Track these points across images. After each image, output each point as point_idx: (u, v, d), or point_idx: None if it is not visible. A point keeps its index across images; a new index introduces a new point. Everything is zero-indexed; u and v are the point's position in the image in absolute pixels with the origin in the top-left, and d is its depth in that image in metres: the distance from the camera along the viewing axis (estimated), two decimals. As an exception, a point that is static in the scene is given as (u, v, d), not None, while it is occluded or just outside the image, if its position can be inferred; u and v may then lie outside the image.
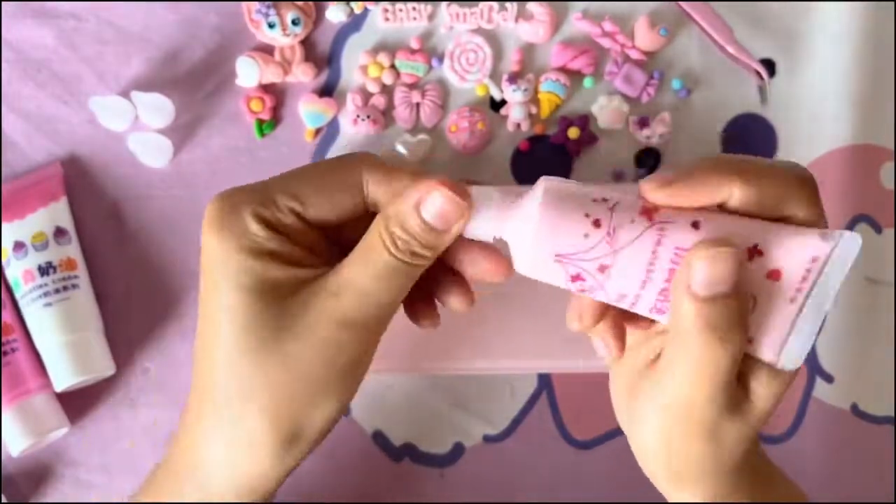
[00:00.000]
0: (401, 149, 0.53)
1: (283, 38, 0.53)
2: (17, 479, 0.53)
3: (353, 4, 0.54)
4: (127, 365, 0.53)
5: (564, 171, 0.54)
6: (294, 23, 0.53)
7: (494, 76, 0.54)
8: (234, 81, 0.53)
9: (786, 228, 0.33)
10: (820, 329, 0.34)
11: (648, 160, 0.54)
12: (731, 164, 0.33)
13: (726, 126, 0.55)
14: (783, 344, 0.33)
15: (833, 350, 0.54)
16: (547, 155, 0.54)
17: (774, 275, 0.33)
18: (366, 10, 0.54)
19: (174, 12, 0.54)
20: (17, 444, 0.50)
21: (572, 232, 0.33)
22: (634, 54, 0.54)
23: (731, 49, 0.54)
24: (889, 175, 0.55)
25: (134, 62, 0.54)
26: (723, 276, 0.32)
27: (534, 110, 0.54)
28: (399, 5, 0.54)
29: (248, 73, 0.53)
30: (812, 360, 0.54)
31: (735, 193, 0.33)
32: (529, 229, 0.34)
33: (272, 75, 0.53)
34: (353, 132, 0.54)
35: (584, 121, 0.54)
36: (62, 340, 0.50)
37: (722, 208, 0.34)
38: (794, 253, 0.33)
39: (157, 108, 0.53)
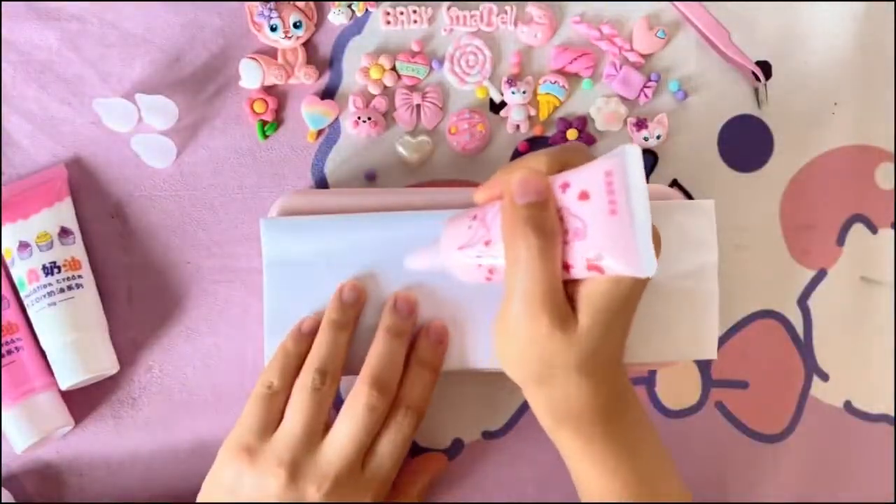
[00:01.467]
0: (401, 150, 0.54)
1: (285, 41, 0.54)
2: (21, 476, 0.53)
3: (354, 7, 0.54)
4: (130, 364, 0.53)
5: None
6: (296, 25, 0.53)
7: (494, 78, 0.54)
8: (236, 83, 0.54)
9: (585, 165, 0.41)
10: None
11: (646, 161, 0.54)
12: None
13: (723, 128, 0.55)
14: (636, 253, 0.38)
15: (829, 349, 0.55)
16: (546, 156, 0.54)
17: (583, 195, 0.40)
18: (367, 13, 0.55)
19: (177, 15, 0.54)
20: (21, 442, 0.51)
21: (460, 229, 0.45)
22: (632, 57, 0.54)
23: (727, 51, 0.54)
24: (885, 175, 0.55)
25: (137, 64, 0.54)
26: (535, 188, 0.41)
27: (533, 112, 0.54)
28: (400, 8, 0.54)
29: (251, 75, 0.53)
30: (809, 358, 0.55)
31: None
32: (438, 246, 0.46)
33: (275, 77, 0.54)
34: (354, 134, 0.54)
35: (583, 122, 0.54)
36: (66, 339, 0.51)
37: None
38: (591, 174, 0.40)
39: (161, 110, 0.53)
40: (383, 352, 0.47)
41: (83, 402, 0.53)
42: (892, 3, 0.55)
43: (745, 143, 0.55)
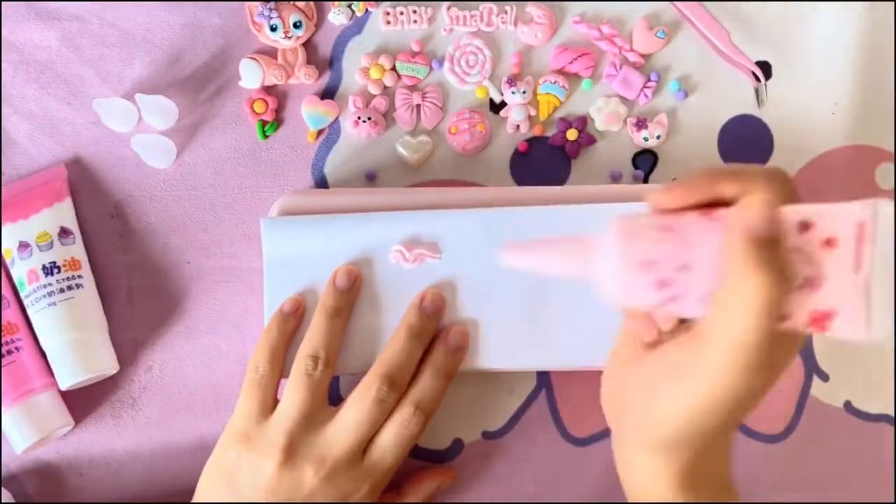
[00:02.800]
0: (401, 150, 0.54)
1: (285, 41, 0.54)
2: (21, 476, 0.53)
3: (354, 7, 0.54)
4: (130, 364, 0.53)
5: (563, 172, 0.54)
6: (296, 25, 0.53)
7: (494, 78, 0.54)
8: (236, 83, 0.54)
9: (831, 206, 0.35)
10: None
11: (646, 161, 0.54)
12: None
13: (723, 128, 0.55)
14: (870, 317, 0.34)
15: (829, 349, 0.55)
16: (546, 156, 0.54)
17: (829, 243, 0.34)
18: (367, 13, 0.55)
19: (177, 15, 0.54)
20: (21, 442, 0.51)
21: (645, 238, 0.36)
22: (632, 57, 0.54)
23: (727, 51, 0.54)
24: (885, 175, 0.55)
25: (137, 64, 0.54)
26: (772, 220, 0.34)
27: (533, 112, 0.54)
28: (400, 8, 0.54)
29: (251, 75, 0.53)
30: (809, 358, 0.55)
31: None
32: (615, 247, 0.36)
33: (274, 77, 0.54)
34: (354, 134, 0.54)
35: (583, 122, 0.54)
36: (66, 339, 0.51)
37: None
38: (840, 220, 0.34)
39: (161, 110, 0.53)
40: (400, 349, 0.47)
41: (83, 402, 0.53)
42: (892, 3, 0.55)
43: (745, 143, 0.55)
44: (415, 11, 0.54)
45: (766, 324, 0.34)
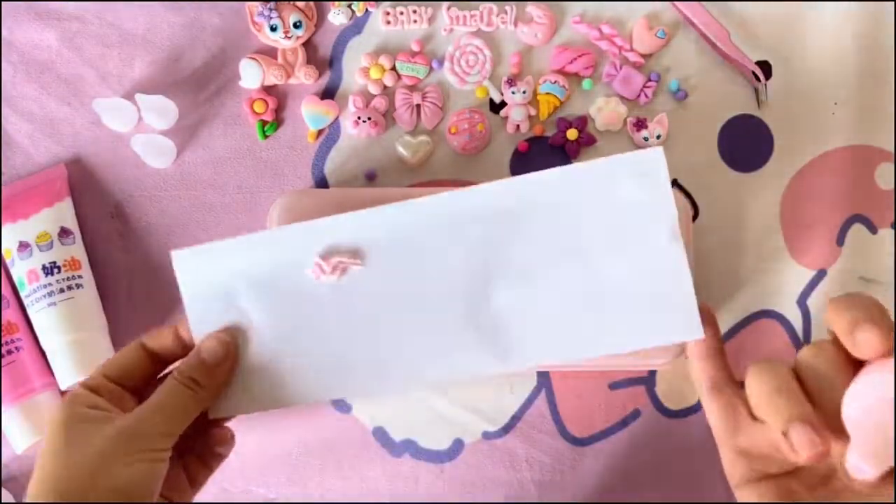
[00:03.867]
0: (401, 150, 0.54)
1: (285, 41, 0.54)
2: (20, 477, 0.53)
3: (354, 7, 0.54)
4: (130, 364, 0.53)
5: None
6: (296, 25, 0.53)
7: (494, 78, 0.54)
8: (236, 83, 0.54)
9: None
10: None
11: (646, 161, 0.54)
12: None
13: (722, 128, 0.55)
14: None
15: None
16: (546, 156, 0.54)
17: None
18: (367, 13, 0.55)
19: (177, 15, 0.54)
20: (21, 442, 0.51)
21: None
22: (632, 57, 0.54)
23: (727, 51, 0.54)
24: (884, 176, 0.55)
25: (137, 64, 0.54)
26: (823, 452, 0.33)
27: (533, 112, 0.54)
28: (400, 8, 0.54)
29: (251, 75, 0.53)
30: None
31: None
32: None
33: (274, 77, 0.54)
34: (354, 134, 0.54)
35: (583, 122, 0.54)
36: (66, 339, 0.51)
37: None
38: None
39: (161, 110, 0.53)
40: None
41: (83, 402, 0.53)
42: (893, 3, 0.55)
43: (745, 143, 0.55)
44: (415, 11, 0.54)
45: None
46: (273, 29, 0.53)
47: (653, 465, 0.54)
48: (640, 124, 0.54)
